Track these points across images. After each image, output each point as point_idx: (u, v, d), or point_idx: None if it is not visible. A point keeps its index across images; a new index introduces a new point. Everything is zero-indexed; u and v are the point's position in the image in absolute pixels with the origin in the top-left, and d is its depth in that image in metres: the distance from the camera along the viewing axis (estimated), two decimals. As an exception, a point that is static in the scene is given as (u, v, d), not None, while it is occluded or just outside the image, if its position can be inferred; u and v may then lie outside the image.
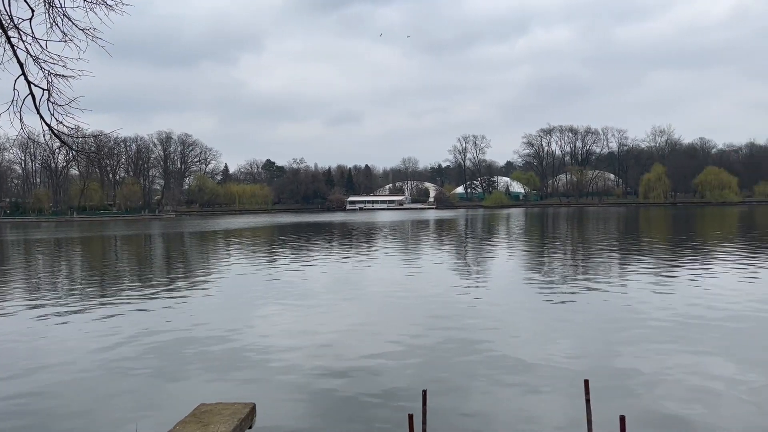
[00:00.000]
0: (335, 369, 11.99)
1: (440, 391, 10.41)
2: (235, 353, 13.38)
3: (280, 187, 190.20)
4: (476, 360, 12.39)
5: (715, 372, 11.19)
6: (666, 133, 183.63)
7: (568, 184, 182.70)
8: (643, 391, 10.28)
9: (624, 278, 23.46)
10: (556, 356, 12.48)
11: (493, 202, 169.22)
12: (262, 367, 12.25)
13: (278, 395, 10.56)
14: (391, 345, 13.74)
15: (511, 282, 23.56)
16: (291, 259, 34.04)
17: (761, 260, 28.36)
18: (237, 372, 11.98)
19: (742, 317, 15.76)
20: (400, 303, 19.17)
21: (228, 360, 12.85)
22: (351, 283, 23.95)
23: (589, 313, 16.97)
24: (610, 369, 11.55)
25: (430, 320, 16.28)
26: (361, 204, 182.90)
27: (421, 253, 36.94)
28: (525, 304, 18.72)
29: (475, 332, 14.76)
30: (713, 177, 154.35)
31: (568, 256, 34.24)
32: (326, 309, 18.40)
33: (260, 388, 10.94)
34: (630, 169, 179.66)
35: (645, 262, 28.95)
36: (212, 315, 17.73)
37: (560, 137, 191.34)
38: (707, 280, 22.55)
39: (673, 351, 12.65)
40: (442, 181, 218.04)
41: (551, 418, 9.25)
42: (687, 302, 17.91)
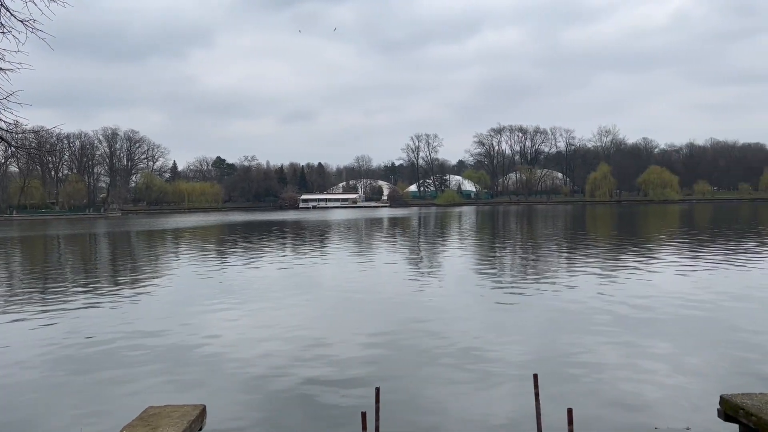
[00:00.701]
0: (288, 368, 11.90)
1: (394, 387, 10.46)
2: (185, 354, 13.12)
3: (231, 185, 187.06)
4: (429, 356, 12.51)
5: (659, 365, 11.62)
6: (611, 134, 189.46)
7: (518, 183, 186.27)
8: (590, 384, 10.58)
9: (572, 274, 24.09)
10: (506, 351, 12.72)
11: (446, 200, 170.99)
12: (213, 368, 12.04)
13: (230, 396, 10.42)
14: (344, 343, 13.72)
15: (463, 279, 23.85)
16: (243, 258, 33.57)
17: (700, 256, 29.59)
18: (187, 373, 11.75)
19: (683, 311, 16.41)
20: (353, 301, 19.16)
21: (178, 361, 12.59)
22: (304, 282, 23.79)
23: (539, 308, 17.35)
24: (558, 363, 11.85)
25: (383, 318, 16.34)
26: (314, 202, 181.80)
27: (375, 251, 37.01)
28: (477, 300, 18.99)
29: (428, 329, 14.89)
30: (656, 176, 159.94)
31: (518, 253, 34.91)
32: (278, 308, 18.23)
33: (211, 389, 10.76)
34: (577, 168, 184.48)
35: (591, 258, 29.80)
36: (161, 316, 17.33)
37: (510, 137, 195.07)
38: (650, 275, 23.38)
39: (619, 345, 13.07)
40: (395, 179, 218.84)
41: (502, 412, 9.43)
42: (631, 297, 18.53)
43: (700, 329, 14.33)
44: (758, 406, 7.01)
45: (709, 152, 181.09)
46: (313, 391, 10.56)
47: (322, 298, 20.12)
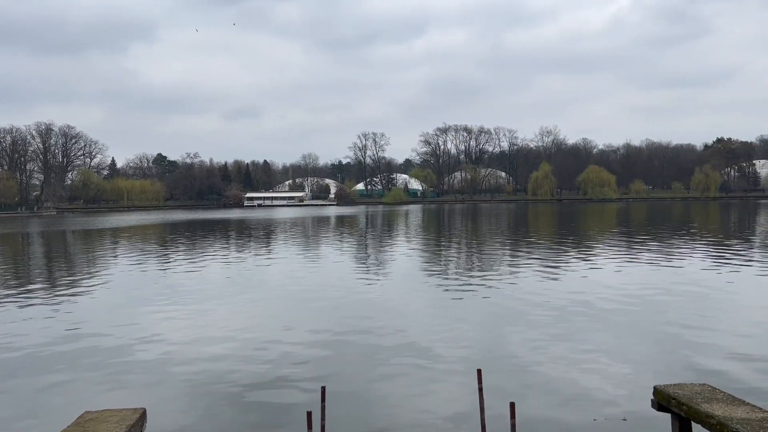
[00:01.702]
0: (231, 369, 11.70)
1: (340, 386, 10.44)
2: (125, 356, 12.71)
3: (172, 183, 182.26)
4: (375, 354, 12.54)
5: (597, 358, 12.02)
6: (552, 134, 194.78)
7: (463, 182, 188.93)
8: (532, 378, 10.85)
9: (515, 270, 24.63)
10: (452, 347, 12.89)
11: (393, 198, 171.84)
12: (154, 370, 11.72)
13: (171, 399, 10.16)
14: (289, 342, 13.60)
15: (409, 276, 24.02)
16: (185, 258, 32.79)
17: (635, 253, 30.78)
18: (126, 376, 11.39)
19: (619, 305, 17.03)
20: (299, 300, 19.01)
21: (117, 364, 12.18)
22: (248, 282, 23.45)
23: (483, 304, 17.67)
24: (502, 357, 12.10)
25: (329, 316, 16.28)
26: (259, 200, 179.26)
27: (322, 249, 36.83)
28: (423, 297, 19.16)
29: (374, 326, 14.93)
30: (594, 175, 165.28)
31: (463, 250, 35.43)
32: (222, 308, 17.91)
33: (152, 392, 10.47)
34: (520, 167, 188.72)
35: (533, 255, 30.55)
36: (99, 317, 16.73)
37: (456, 136, 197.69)
38: (589, 271, 24.16)
39: (559, 338, 13.45)
40: (342, 177, 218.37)
41: (447, 407, 9.55)
42: (571, 292, 19.10)
43: (635, 323, 14.91)
44: (689, 395, 7.34)
45: (645, 153, 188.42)
46: (257, 392, 10.42)
47: (267, 297, 19.87)
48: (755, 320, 14.91)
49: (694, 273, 23.18)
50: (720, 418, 6.64)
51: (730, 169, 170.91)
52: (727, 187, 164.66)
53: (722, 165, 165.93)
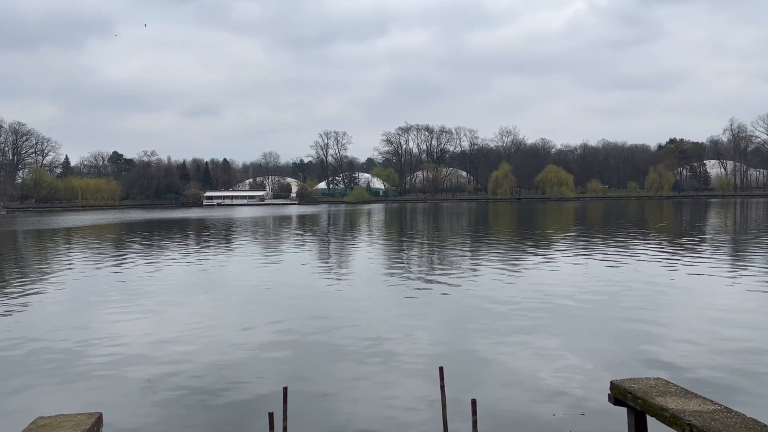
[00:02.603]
0: (191, 371, 11.50)
1: (302, 386, 10.37)
2: (80, 359, 12.36)
3: (129, 182, 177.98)
4: (337, 353, 12.50)
5: (556, 354, 12.25)
6: (512, 134, 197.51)
7: (425, 181, 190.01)
8: (493, 375, 10.99)
9: (475, 268, 24.90)
10: (414, 345, 12.95)
11: (355, 197, 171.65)
12: (110, 373, 11.42)
13: (128, 402, 9.92)
14: (250, 343, 13.44)
15: (371, 275, 24.04)
16: (142, 258, 32.08)
17: (593, 250, 31.49)
18: (82, 380, 11.08)
19: (578, 302, 17.39)
20: (260, 300, 18.82)
21: (71, 367, 11.83)
22: (208, 282, 23.09)
23: (445, 302, 17.81)
24: (463, 355, 12.22)
25: (291, 316, 16.16)
26: (219, 199, 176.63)
27: (283, 249, 36.54)
28: (385, 295, 19.20)
29: (337, 326, 14.89)
30: (553, 175, 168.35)
31: (425, 249, 35.64)
32: (180, 309, 17.58)
33: (108, 395, 10.20)
34: (480, 167, 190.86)
35: (494, 253, 30.94)
36: (52, 320, 16.21)
37: (417, 136, 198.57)
38: (548, 268, 24.61)
39: (519, 335, 13.65)
40: (304, 176, 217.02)
41: (410, 405, 9.59)
42: (531, 289, 19.41)
43: (593, 318, 15.24)
44: (644, 390, 7.53)
45: (601, 153, 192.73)
46: (217, 394, 10.27)
47: (227, 297, 19.61)
48: (707, 315, 15.42)
49: (649, 270, 23.84)
50: (673, 411, 6.84)
51: (682, 169, 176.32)
52: (679, 187, 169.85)
53: (675, 165, 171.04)
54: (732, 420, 6.53)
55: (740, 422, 6.48)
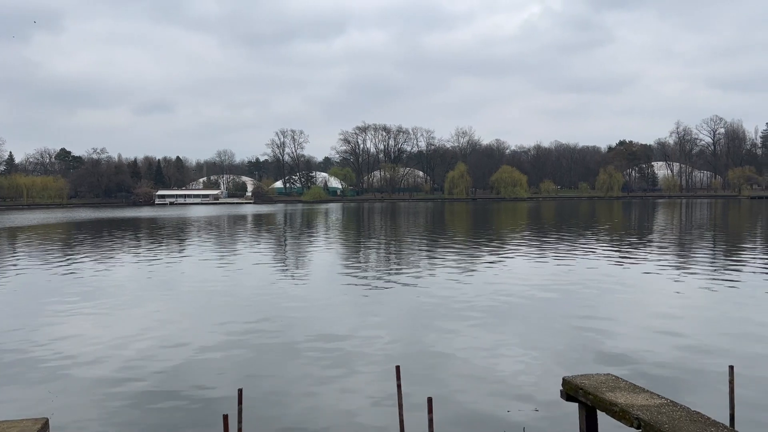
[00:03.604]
0: (144, 374, 11.23)
1: (258, 388, 10.26)
2: (27, 363, 11.91)
3: (77, 180, 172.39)
4: (293, 354, 12.41)
5: (511, 351, 12.46)
6: (468, 135, 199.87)
7: (382, 180, 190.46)
8: (449, 373, 11.10)
9: (432, 267, 25.09)
10: (371, 345, 12.96)
11: (312, 196, 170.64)
12: (57, 377, 11.05)
13: (78, 406, 9.62)
14: (204, 344, 13.22)
15: (328, 275, 23.96)
16: (91, 258, 31.14)
17: (546, 249, 32.15)
18: (28, 384, 10.68)
19: (531, 300, 17.73)
20: (214, 301, 18.52)
21: (15, 371, 11.40)
22: (160, 283, 22.59)
23: (402, 300, 17.89)
24: (419, 353, 12.30)
25: (247, 317, 15.96)
26: (171, 198, 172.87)
27: (239, 249, 36.04)
28: (342, 295, 19.16)
29: (293, 326, 14.78)
30: (507, 175, 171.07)
31: (382, 248, 35.72)
32: (132, 310, 17.15)
33: (56, 400, 9.87)
34: (437, 167, 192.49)
35: (450, 252, 31.26)
36: (-6, 324, 15.57)
37: (375, 135, 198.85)
38: (502, 266, 24.99)
39: (475, 333, 13.83)
40: (260, 175, 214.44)
41: (366, 405, 9.59)
42: (485, 287, 19.69)
43: (546, 316, 15.57)
44: (595, 385, 7.74)
45: (554, 154, 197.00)
46: (171, 396, 10.06)
47: (180, 298, 19.23)
48: (654, 313, 15.94)
49: (600, 268, 24.49)
50: (622, 405, 7.05)
51: (631, 170, 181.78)
52: (628, 187, 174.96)
53: (624, 166, 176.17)
54: (677, 413, 6.78)
55: (685, 415, 6.73)
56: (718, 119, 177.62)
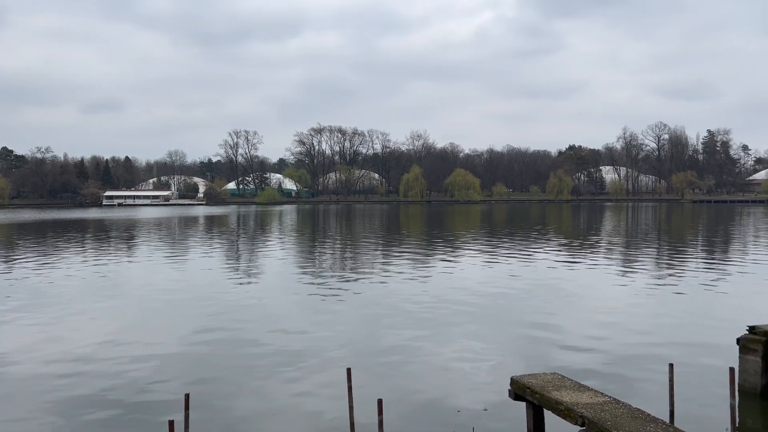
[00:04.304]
0: (87, 379, 10.88)
1: (206, 392, 10.08)
2: (-42, 373, 11.36)
3: (20, 179, 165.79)
4: (243, 358, 12.24)
5: (461, 352, 12.60)
6: (423, 138, 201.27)
7: (338, 182, 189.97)
8: (400, 374, 11.15)
9: (385, 271, 25.16)
10: (322, 348, 12.90)
11: (266, 198, 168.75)
12: None
13: (18, 413, 9.24)
14: (152, 350, 12.90)
15: (281, 278, 23.73)
16: (35, 261, 29.99)
17: (497, 251, 32.66)
18: (-41, 395, 10.19)
19: (482, 301, 17.98)
20: (163, 304, 18.10)
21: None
22: (107, 286, 21.93)
23: (354, 304, 17.87)
24: (370, 355, 12.31)
25: (197, 320, 15.66)
26: (120, 199, 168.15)
27: (189, 251, 35.33)
28: (294, 299, 19.00)
29: (243, 330, 14.59)
30: (461, 178, 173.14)
31: (337, 250, 35.61)
32: (78, 316, 16.60)
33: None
34: (392, 169, 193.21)
35: (404, 254, 31.41)
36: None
37: (330, 137, 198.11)
38: (455, 269, 25.27)
39: (426, 335, 13.93)
40: (212, 176, 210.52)
41: (317, 408, 9.54)
42: (439, 290, 19.86)
43: (496, 317, 15.82)
44: (541, 384, 7.91)
45: (506, 158, 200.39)
46: (116, 402, 9.77)
47: (128, 302, 18.72)
48: (599, 312, 16.40)
49: (548, 270, 25.03)
50: (568, 404, 7.23)
51: (580, 174, 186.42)
52: (577, 191, 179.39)
53: (573, 170, 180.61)
54: (620, 411, 6.99)
55: (627, 413, 6.95)
56: (663, 125, 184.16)
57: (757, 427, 8.84)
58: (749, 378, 9.84)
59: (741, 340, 10.13)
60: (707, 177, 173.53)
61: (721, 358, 11.16)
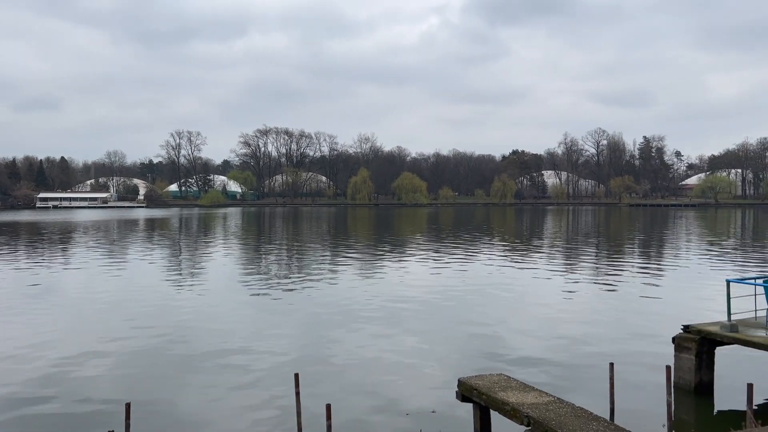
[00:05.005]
0: (25, 389, 10.36)
1: (148, 401, 9.76)
2: None
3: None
4: (187, 365, 11.92)
5: (409, 355, 12.65)
6: (370, 141, 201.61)
7: (284, 185, 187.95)
8: (349, 378, 11.09)
9: (333, 274, 25.04)
10: (269, 353, 12.71)
11: (210, 201, 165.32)
12: None
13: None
14: (90, 356, 12.41)
15: (226, 282, 23.27)
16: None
17: (444, 255, 33.02)
18: None
19: (429, 304, 18.12)
20: (101, 310, 17.45)
21: None
22: (40, 292, 20.98)
23: (302, 308, 17.69)
24: (319, 360, 12.21)
25: (137, 327, 15.16)
26: (55, 201, 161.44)
27: (129, 255, 34.22)
28: (240, 303, 18.67)
29: (187, 336, 14.22)
30: (408, 182, 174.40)
31: (283, 254, 35.21)
32: (11, 323, 15.81)
33: None
34: (339, 172, 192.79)
35: (352, 258, 31.35)
36: None
37: (276, 139, 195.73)
38: (402, 272, 25.40)
39: (374, 338, 13.93)
40: (153, 178, 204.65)
41: (263, 414, 9.38)
42: (387, 293, 19.90)
43: (443, 320, 15.96)
44: (488, 386, 8.02)
45: (452, 161, 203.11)
46: (55, 412, 9.35)
47: (65, 309, 17.97)
48: (542, 314, 16.79)
49: (493, 272, 25.47)
50: (514, 404, 7.35)
51: (523, 178, 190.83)
52: (520, 194, 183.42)
53: (517, 174, 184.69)
54: (563, 410, 7.16)
55: (570, 411, 7.12)
56: (602, 131, 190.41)
57: (691, 421, 9.22)
58: (684, 375, 10.27)
59: (676, 339, 10.57)
60: (643, 182, 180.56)
61: (659, 357, 11.60)
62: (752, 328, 10.31)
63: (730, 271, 25.01)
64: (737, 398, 9.11)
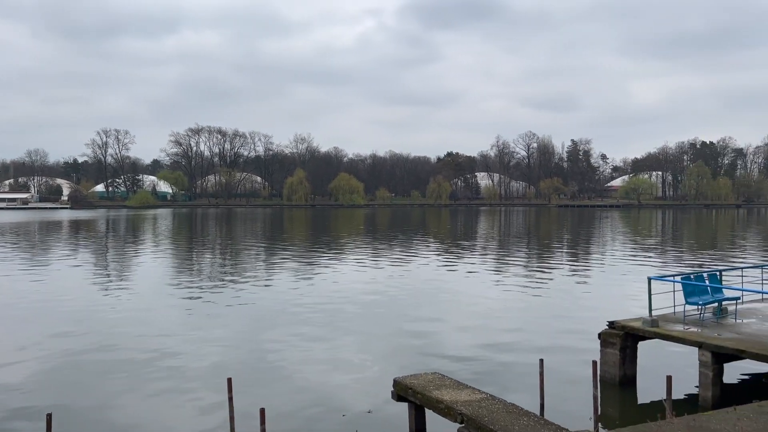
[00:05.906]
0: (-74, 406, 9.65)
1: (72, 411, 9.31)
2: None
3: None
4: (113, 372, 11.45)
5: (344, 356, 12.62)
6: (306, 141, 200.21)
7: (218, 185, 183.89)
8: (283, 381, 10.96)
9: (267, 277, 24.69)
10: (201, 357, 12.39)
11: (139, 201, 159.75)
12: None
13: None
14: (9, 365, 11.72)
15: (155, 286, 22.53)
16: None
17: (379, 255, 33.17)
18: None
19: (364, 305, 18.14)
20: (21, 317, 16.53)
21: None
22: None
23: (234, 311, 17.35)
24: (253, 363, 12.00)
25: (60, 333, 14.45)
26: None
27: (51, 259, 32.60)
28: (170, 307, 18.12)
29: (113, 342, 13.66)
30: (345, 182, 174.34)
31: (216, 256, 34.44)
32: None
33: None
34: (275, 172, 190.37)
35: (287, 260, 31.01)
36: None
37: (209, 138, 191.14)
38: (338, 273, 25.33)
39: (309, 340, 13.81)
40: (78, 178, 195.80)
41: (195, 422, 9.13)
42: (320, 296, 19.80)
43: (378, 320, 16.02)
44: (423, 384, 8.10)
45: (389, 163, 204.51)
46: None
47: (-21, 316, 16.90)
48: (475, 314, 17.12)
49: (427, 272, 25.80)
50: (448, 402, 7.45)
51: (457, 180, 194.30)
52: (455, 195, 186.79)
53: (451, 176, 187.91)
54: (496, 406, 7.31)
55: (502, 408, 7.28)
56: (532, 135, 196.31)
57: (617, 414, 9.62)
58: (609, 369, 10.69)
59: (602, 334, 11.00)
60: (571, 183, 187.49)
61: (586, 352, 12.03)
62: (671, 322, 10.86)
63: (652, 268, 26.30)
64: (658, 390, 9.56)
